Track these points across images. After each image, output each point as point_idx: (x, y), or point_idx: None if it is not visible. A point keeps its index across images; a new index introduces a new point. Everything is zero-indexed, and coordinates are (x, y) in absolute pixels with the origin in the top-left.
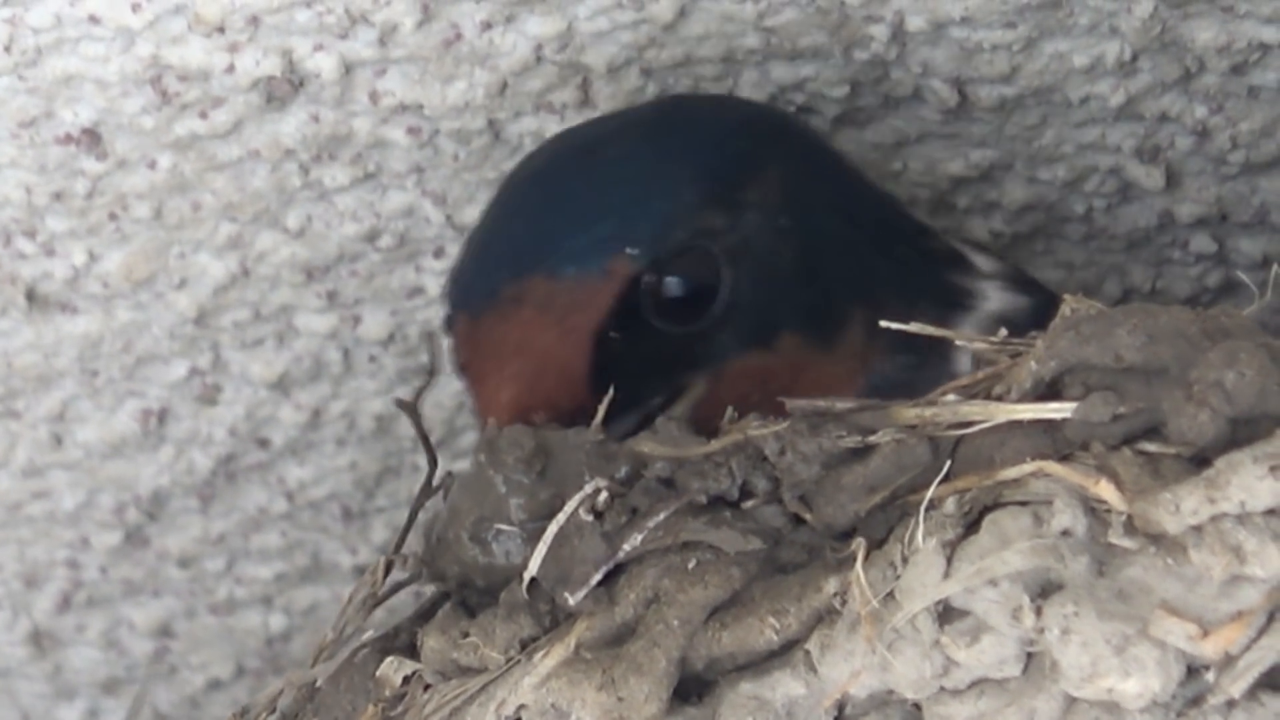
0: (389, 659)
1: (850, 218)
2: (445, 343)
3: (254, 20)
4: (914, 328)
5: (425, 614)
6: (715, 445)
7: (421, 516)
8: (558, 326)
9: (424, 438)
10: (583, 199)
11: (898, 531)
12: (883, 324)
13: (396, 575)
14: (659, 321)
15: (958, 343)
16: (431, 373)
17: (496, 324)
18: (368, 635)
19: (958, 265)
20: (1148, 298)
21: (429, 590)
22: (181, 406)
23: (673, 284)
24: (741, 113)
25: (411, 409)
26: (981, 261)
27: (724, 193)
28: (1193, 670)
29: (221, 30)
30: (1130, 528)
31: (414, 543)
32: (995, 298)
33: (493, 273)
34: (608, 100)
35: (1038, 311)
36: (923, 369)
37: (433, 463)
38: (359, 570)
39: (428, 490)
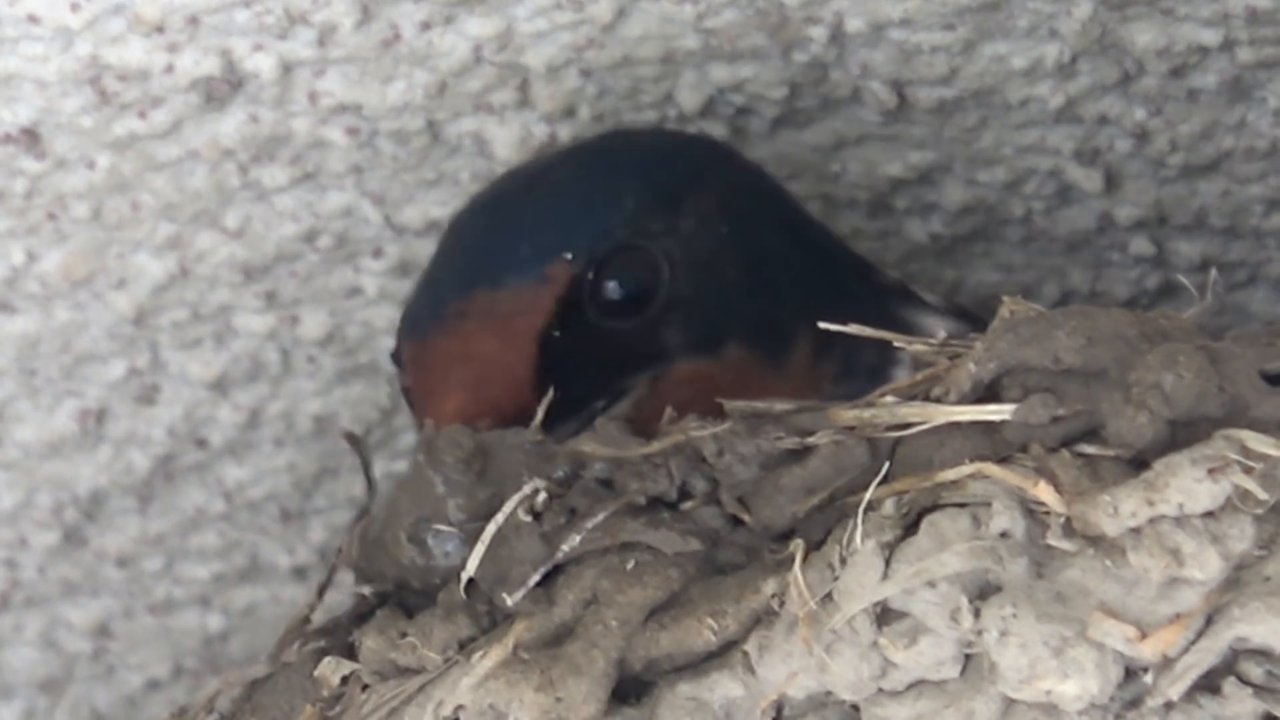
0: (327, 659)
1: (796, 242)
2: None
3: (193, 20)
4: (853, 329)
5: (363, 614)
6: (655, 446)
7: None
8: (501, 333)
9: (367, 468)
10: (524, 218)
11: (836, 533)
12: (821, 325)
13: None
14: (601, 320)
15: (895, 344)
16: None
17: (441, 340)
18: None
19: (906, 299)
20: (1087, 300)
21: (366, 589)
22: (120, 406)
23: (611, 282)
24: (684, 138)
25: (358, 442)
26: (927, 296)
27: (663, 201)
28: (1131, 672)
29: (160, 30)
30: (1069, 530)
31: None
32: (939, 330)
33: (439, 297)
34: (546, 101)
35: None
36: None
37: (372, 491)
38: (297, 571)
39: (364, 518)
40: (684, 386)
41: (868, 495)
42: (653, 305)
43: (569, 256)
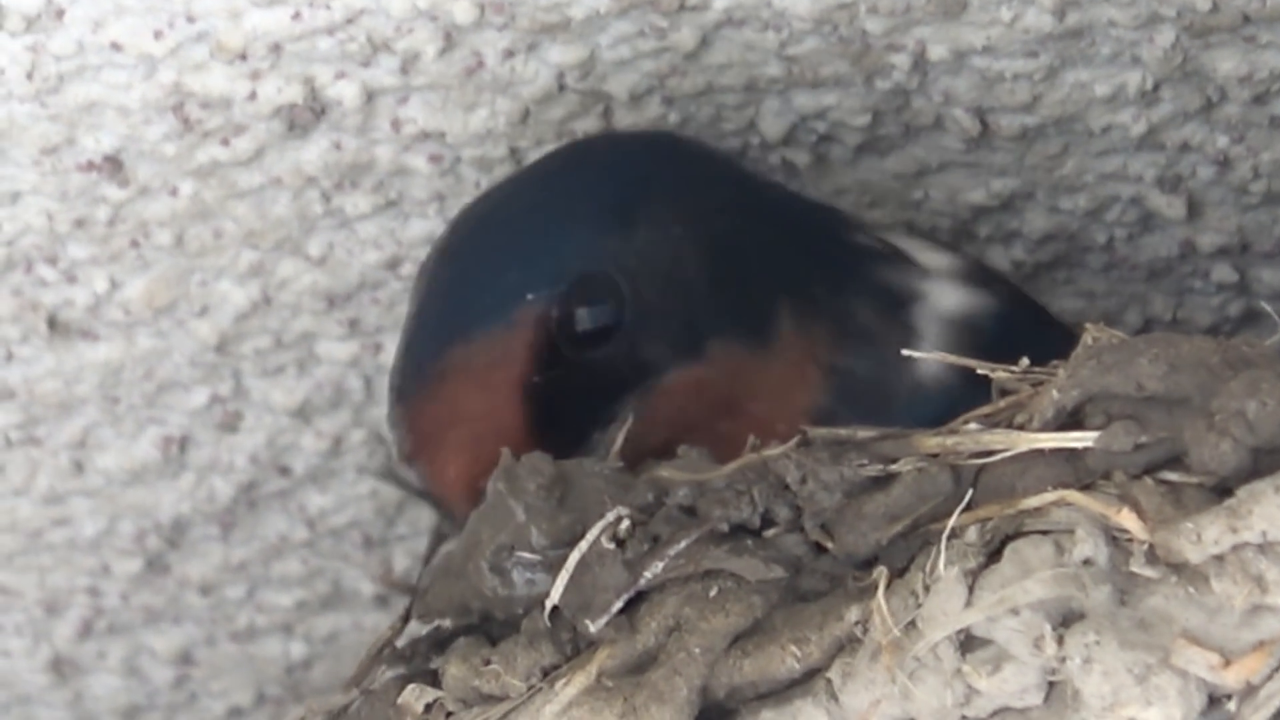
0: (411, 686)
1: (756, 218)
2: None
3: (276, 48)
4: (936, 356)
5: (446, 641)
6: (733, 467)
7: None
8: (482, 388)
9: (420, 494)
10: (483, 266)
11: (919, 560)
12: (905, 353)
13: (414, 626)
14: (577, 354)
15: (979, 372)
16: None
17: (427, 404)
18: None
19: (893, 262)
20: (1169, 327)
21: (446, 621)
22: (202, 434)
23: (577, 315)
24: (624, 144)
25: (397, 478)
26: (929, 258)
27: (613, 218)
28: (1214, 700)
29: (243, 57)
30: (1152, 557)
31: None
32: (948, 297)
33: (417, 358)
34: (629, 128)
35: (1004, 314)
36: (885, 363)
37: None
38: (380, 598)
39: (438, 541)
40: (676, 397)
41: (951, 522)
42: (622, 327)
43: (530, 297)
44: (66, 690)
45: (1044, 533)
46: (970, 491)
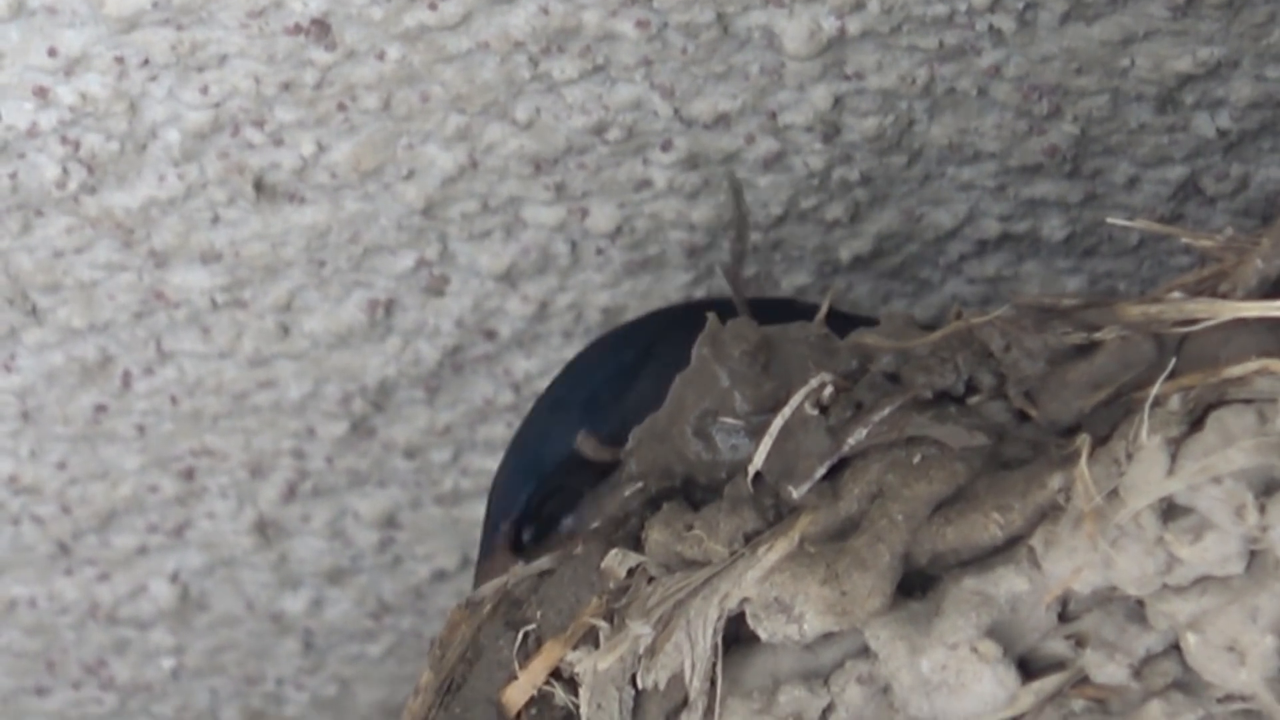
0: (613, 551)
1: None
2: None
3: None
4: (1140, 224)
5: (649, 505)
6: (938, 335)
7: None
8: None
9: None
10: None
11: (1122, 428)
12: (1110, 220)
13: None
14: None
15: (1184, 240)
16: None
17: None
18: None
19: None
20: None
21: (652, 484)
22: (408, 297)
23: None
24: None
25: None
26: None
27: (554, 454)
28: None
29: None
30: None
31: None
32: None
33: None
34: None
35: None
36: None
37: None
38: None
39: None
40: None
41: (1154, 391)
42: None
43: (503, 527)
44: (271, 553)
45: (1247, 401)
46: (1173, 360)
